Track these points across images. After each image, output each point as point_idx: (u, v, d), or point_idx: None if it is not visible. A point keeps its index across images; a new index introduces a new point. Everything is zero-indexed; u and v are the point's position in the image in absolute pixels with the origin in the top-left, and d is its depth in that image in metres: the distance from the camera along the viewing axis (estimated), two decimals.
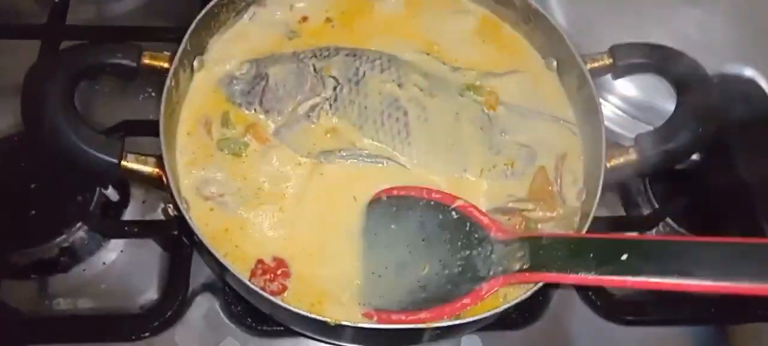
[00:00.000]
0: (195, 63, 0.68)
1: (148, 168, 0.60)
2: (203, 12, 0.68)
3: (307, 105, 0.67)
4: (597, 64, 0.69)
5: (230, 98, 0.67)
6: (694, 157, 0.73)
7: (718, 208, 0.73)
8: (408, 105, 0.67)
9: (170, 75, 0.63)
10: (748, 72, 0.77)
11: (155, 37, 0.79)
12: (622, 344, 0.71)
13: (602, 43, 0.70)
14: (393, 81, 0.68)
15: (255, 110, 0.67)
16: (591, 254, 0.54)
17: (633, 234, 0.74)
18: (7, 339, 0.66)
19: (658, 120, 0.70)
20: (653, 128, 0.69)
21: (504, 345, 0.69)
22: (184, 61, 0.66)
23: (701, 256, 0.50)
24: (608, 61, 0.69)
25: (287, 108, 0.67)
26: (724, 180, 0.71)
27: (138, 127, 0.74)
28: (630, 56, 0.69)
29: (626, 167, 0.65)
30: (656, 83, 0.72)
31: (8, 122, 0.74)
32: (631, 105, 0.77)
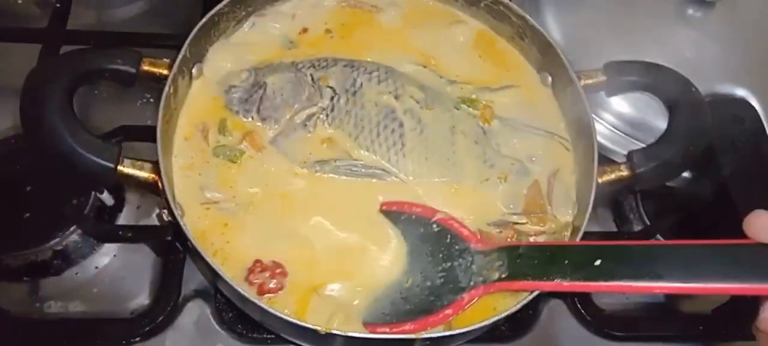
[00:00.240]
0: (194, 70, 0.68)
1: (144, 173, 0.61)
2: (204, 20, 0.68)
3: (304, 114, 0.68)
4: (591, 80, 0.69)
5: (228, 106, 0.68)
6: (686, 174, 0.74)
7: (708, 225, 0.74)
8: (404, 117, 0.67)
9: (169, 82, 0.63)
10: (740, 92, 0.78)
11: (155, 43, 0.80)
12: None
13: (597, 60, 0.70)
14: (390, 93, 0.68)
15: (252, 118, 0.67)
16: (566, 261, 0.54)
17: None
18: None
19: (651, 138, 0.71)
20: (645, 145, 0.70)
21: None
22: (184, 68, 0.66)
23: (673, 258, 0.51)
24: (602, 78, 0.69)
25: (284, 116, 0.67)
26: (715, 198, 0.71)
27: (135, 132, 0.74)
28: (623, 73, 0.70)
29: (617, 183, 0.66)
30: (649, 101, 0.73)
31: (6, 124, 0.75)
32: (625, 122, 0.78)
